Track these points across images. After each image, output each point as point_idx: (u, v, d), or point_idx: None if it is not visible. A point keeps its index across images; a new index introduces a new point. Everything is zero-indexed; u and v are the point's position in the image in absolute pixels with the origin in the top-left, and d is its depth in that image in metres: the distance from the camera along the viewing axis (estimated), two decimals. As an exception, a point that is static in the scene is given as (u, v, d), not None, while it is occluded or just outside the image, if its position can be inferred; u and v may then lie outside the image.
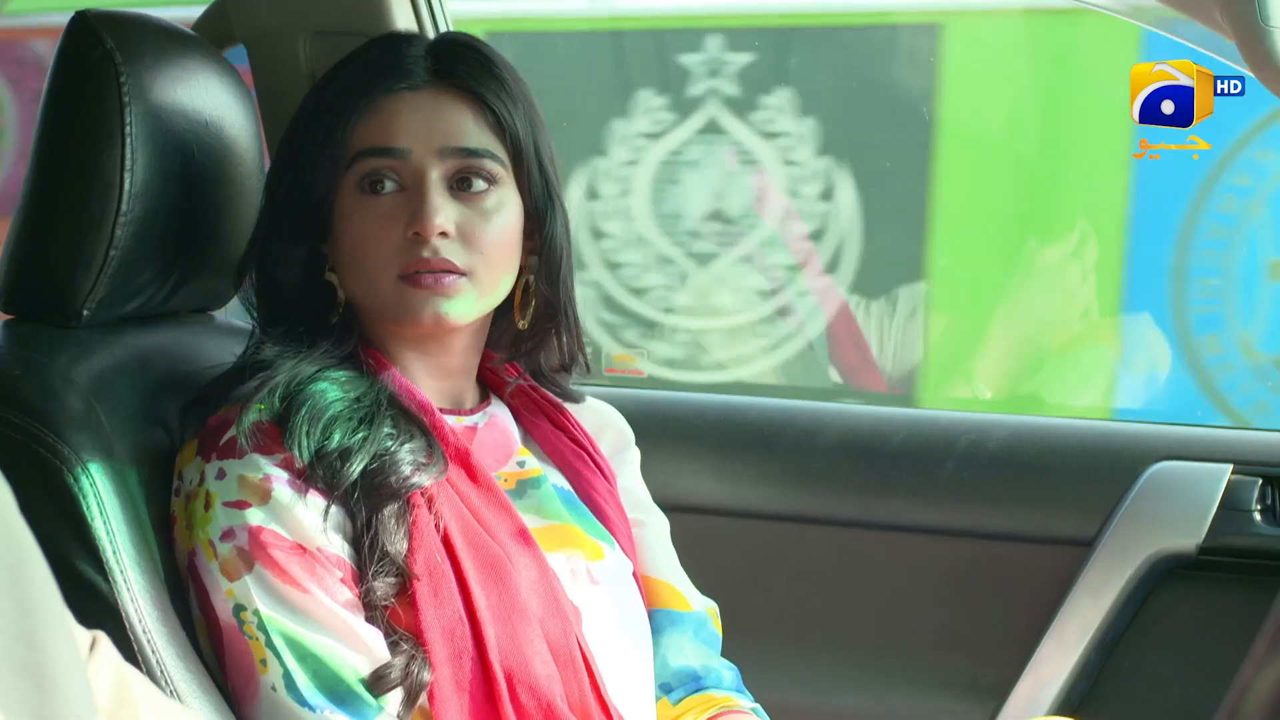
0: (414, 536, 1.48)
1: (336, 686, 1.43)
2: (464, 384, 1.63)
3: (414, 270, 1.51)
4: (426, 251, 1.51)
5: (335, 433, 1.48)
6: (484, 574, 1.49)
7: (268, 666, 1.44)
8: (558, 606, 1.52)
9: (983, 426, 2.19)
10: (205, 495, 1.47)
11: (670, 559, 1.72)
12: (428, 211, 1.51)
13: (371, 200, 1.53)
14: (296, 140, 1.58)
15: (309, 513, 1.46)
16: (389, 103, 1.54)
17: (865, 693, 2.17)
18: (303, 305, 1.57)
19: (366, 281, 1.54)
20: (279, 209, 1.58)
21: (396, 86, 1.55)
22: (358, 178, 1.54)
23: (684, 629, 1.68)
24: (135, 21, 1.62)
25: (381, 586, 1.46)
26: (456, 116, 1.55)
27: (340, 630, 1.44)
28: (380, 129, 1.54)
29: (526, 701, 1.47)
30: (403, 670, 1.44)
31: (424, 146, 1.53)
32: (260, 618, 1.44)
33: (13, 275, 1.61)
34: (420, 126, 1.54)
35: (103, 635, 1.09)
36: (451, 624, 1.47)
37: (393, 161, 1.53)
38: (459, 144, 1.54)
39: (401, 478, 1.48)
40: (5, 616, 0.87)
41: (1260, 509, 2.05)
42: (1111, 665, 2.08)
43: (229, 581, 1.45)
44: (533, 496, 1.61)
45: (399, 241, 1.52)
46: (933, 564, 2.16)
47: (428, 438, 1.52)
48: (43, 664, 0.88)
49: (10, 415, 1.47)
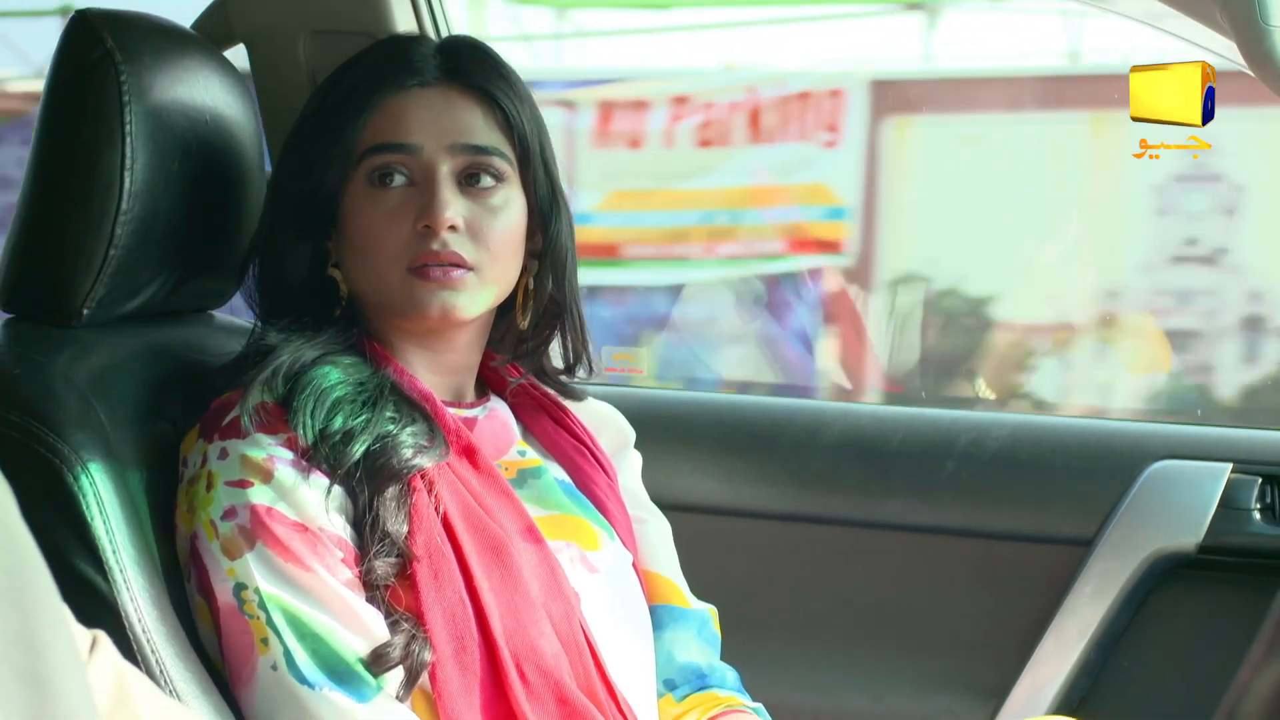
0: (414, 519, 1.48)
1: (337, 665, 1.43)
2: (465, 380, 1.64)
3: (422, 263, 1.52)
4: (436, 244, 1.52)
5: (339, 414, 1.49)
6: (485, 557, 1.50)
7: (268, 645, 1.44)
8: (559, 590, 1.53)
9: (983, 426, 2.19)
10: (207, 476, 1.48)
11: (671, 558, 1.73)
12: (439, 205, 1.52)
13: (381, 194, 1.54)
14: (304, 137, 1.59)
15: (312, 492, 1.46)
16: (400, 99, 1.56)
17: (865, 693, 2.17)
18: (307, 300, 1.58)
19: (374, 274, 1.55)
20: (285, 205, 1.59)
21: (408, 83, 1.56)
22: (367, 172, 1.55)
23: (687, 626, 1.68)
24: (135, 21, 1.62)
25: (382, 566, 1.47)
26: (466, 114, 1.57)
27: (341, 609, 1.44)
28: (392, 125, 1.55)
29: (535, 681, 1.47)
30: (403, 650, 1.44)
31: (435, 142, 1.55)
32: (261, 595, 1.44)
33: (13, 274, 1.61)
34: (431, 123, 1.55)
35: (103, 635, 1.09)
36: (453, 606, 1.47)
37: (404, 157, 1.54)
38: (469, 141, 1.56)
39: (403, 459, 1.49)
40: (4, 620, 0.87)
41: (1260, 508, 2.05)
42: (1111, 665, 2.07)
43: (230, 560, 1.45)
44: (533, 485, 1.62)
45: (408, 234, 1.53)
46: (933, 564, 2.16)
47: (429, 423, 1.54)
48: (42, 668, 0.88)
49: (10, 415, 1.47)
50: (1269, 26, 1.35)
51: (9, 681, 0.86)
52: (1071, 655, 2.06)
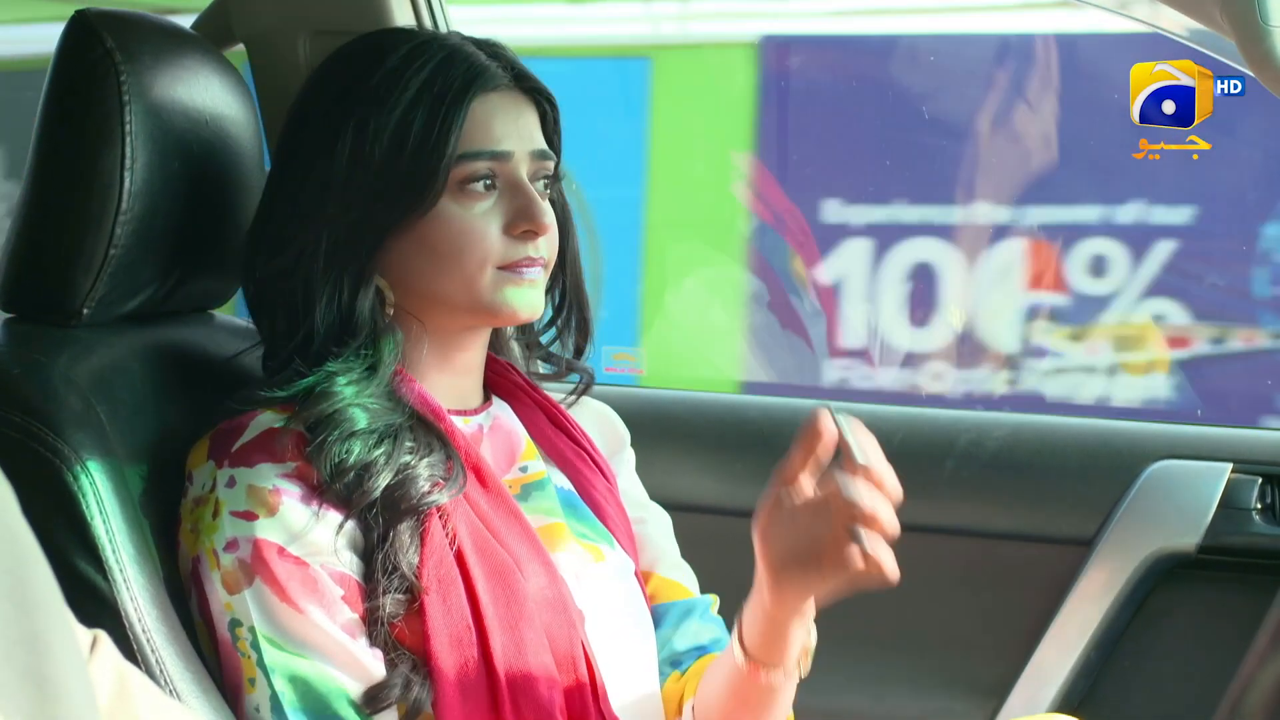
0: (424, 549, 1.47)
1: (324, 711, 1.43)
2: (473, 382, 1.63)
3: (514, 264, 1.53)
4: (532, 250, 1.53)
5: (355, 446, 1.47)
6: (492, 582, 1.49)
7: (255, 687, 1.44)
8: (565, 613, 1.52)
9: (983, 426, 2.19)
10: (215, 502, 1.47)
11: (674, 554, 1.72)
12: (539, 210, 1.53)
13: (471, 203, 1.53)
14: (374, 160, 1.51)
15: (320, 528, 1.45)
16: (487, 104, 1.54)
17: (865, 693, 2.17)
18: (358, 326, 1.52)
19: (461, 279, 1.52)
20: (349, 233, 1.52)
21: (490, 86, 1.54)
22: (458, 180, 1.52)
23: (690, 613, 1.68)
24: (135, 21, 1.62)
25: (391, 604, 1.45)
26: (533, 118, 1.58)
27: (334, 653, 1.44)
28: (482, 132, 1.53)
29: (527, 712, 1.47)
30: (401, 690, 1.44)
31: (520, 148, 1.55)
32: (254, 635, 1.44)
33: (13, 274, 1.61)
34: (514, 128, 1.55)
35: (103, 635, 1.09)
36: (459, 632, 1.47)
37: (496, 164, 1.54)
38: (542, 146, 1.58)
39: (421, 493, 1.48)
40: (6, 619, 0.87)
41: (1260, 508, 2.05)
42: (1111, 665, 2.07)
43: (228, 594, 1.45)
44: (536, 499, 1.61)
45: (498, 237, 1.53)
46: (932, 563, 2.16)
47: (446, 449, 1.52)
48: (44, 666, 0.88)
49: (10, 415, 1.47)
50: (1269, 26, 1.35)
51: (12, 680, 0.86)
52: (1072, 655, 2.06)
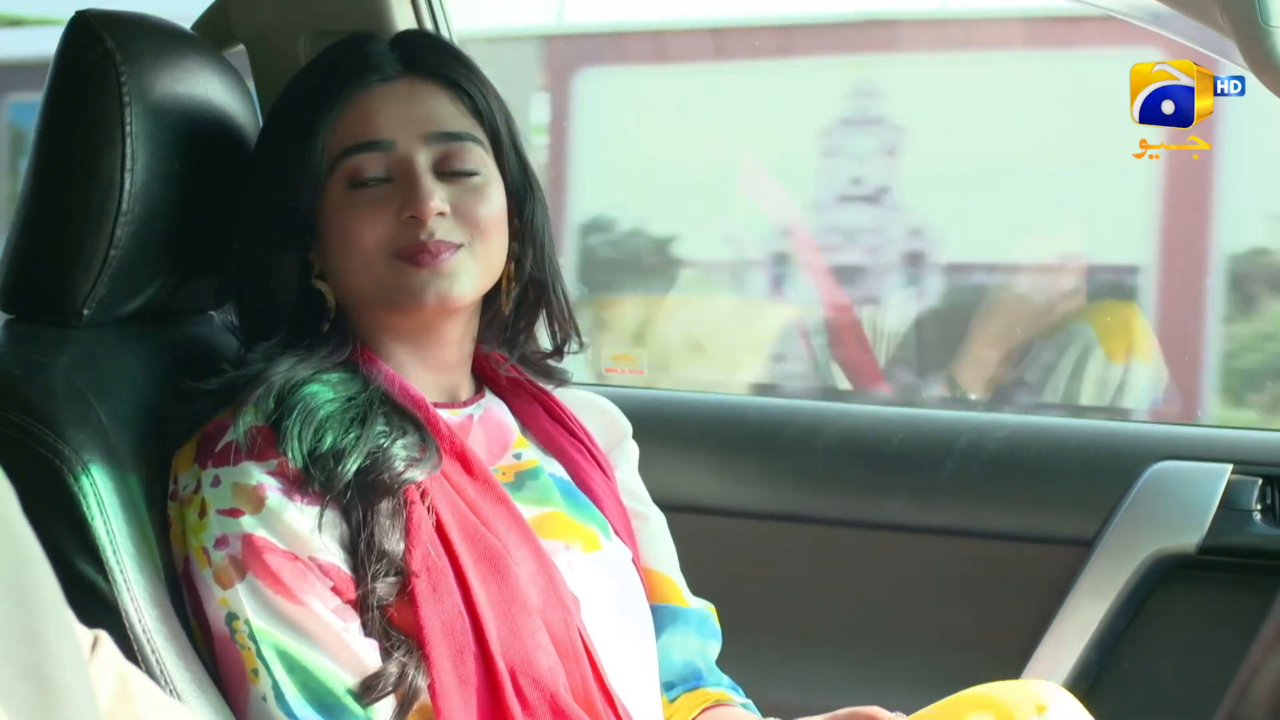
0: (410, 534, 1.47)
1: (325, 698, 1.44)
2: (459, 377, 1.63)
3: (410, 251, 1.51)
4: (423, 234, 1.51)
5: (327, 434, 1.48)
6: (482, 568, 1.49)
7: (259, 677, 1.44)
8: (558, 597, 1.52)
9: (983, 426, 2.19)
10: (201, 502, 1.47)
11: (670, 555, 1.72)
12: (422, 194, 1.51)
13: (359, 194, 1.53)
14: (272, 149, 1.58)
15: (302, 519, 1.46)
16: (364, 97, 1.55)
17: (865, 693, 2.17)
18: (294, 316, 1.56)
19: (360, 267, 1.53)
20: (262, 221, 1.57)
21: (370, 80, 1.55)
22: (344, 176, 1.54)
23: (686, 625, 1.68)
24: (135, 21, 1.62)
25: (382, 588, 1.46)
26: (434, 102, 1.56)
27: (330, 642, 1.44)
28: (360, 124, 1.54)
29: (531, 695, 1.47)
30: (396, 678, 1.44)
31: (407, 134, 1.54)
32: (251, 628, 1.44)
33: (13, 275, 1.61)
34: (400, 116, 1.54)
35: (104, 635, 1.09)
36: (451, 619, 1.47)
37: (378, 154, 1.53)
38: (441, 129, 1.55)
39: (395, 473, 1.48)
40: (8, 618, 0.87)
41: (1260, 509, 2.05)
42: (1111, 665, 2.07)
43: (222, 590, 1.45)
44: (530, 488, 1.61)
45: (391, 225, 1.52)
46: (933, 564, 2.16)
47: (421, 433, 1.52)
48: (46, 666, 0.88)
49: (10, 415, 1.47)
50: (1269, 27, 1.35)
51: (14, 679, 0.86)
52: (1072, 656, 2.06)
